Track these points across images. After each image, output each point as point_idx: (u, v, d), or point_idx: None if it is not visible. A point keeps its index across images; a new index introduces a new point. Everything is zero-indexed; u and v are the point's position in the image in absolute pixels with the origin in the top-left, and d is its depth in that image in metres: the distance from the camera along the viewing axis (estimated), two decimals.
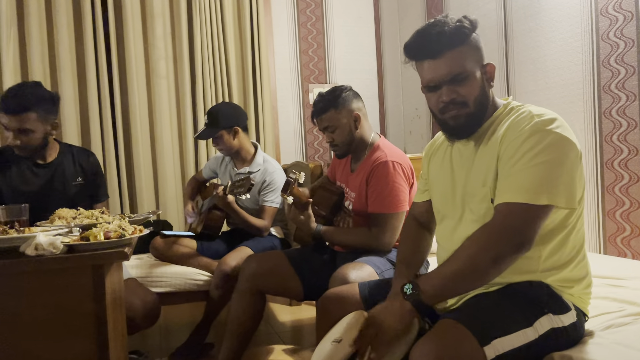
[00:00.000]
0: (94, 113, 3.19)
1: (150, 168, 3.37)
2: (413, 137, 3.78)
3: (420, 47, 1.24)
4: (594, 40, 2.24)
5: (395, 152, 1.94)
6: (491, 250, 1.10)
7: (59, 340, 1.34)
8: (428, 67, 1.23)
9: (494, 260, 1.11)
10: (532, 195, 1.10)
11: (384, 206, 1.85)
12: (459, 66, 1.20)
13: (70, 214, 1.70)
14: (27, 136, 1.89)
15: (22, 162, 2.02)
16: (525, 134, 1.15)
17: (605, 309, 1.43)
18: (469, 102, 1.22)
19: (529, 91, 2.62)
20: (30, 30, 3.06)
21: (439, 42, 1.20)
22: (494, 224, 1.13)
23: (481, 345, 1.04)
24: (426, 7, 3.49)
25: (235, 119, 2.46)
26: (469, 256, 1.13)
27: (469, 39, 1.22)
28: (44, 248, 1.31)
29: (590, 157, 2.29)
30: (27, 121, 1.87)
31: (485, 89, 1.25)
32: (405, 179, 1.89)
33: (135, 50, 3.27)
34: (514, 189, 1.12)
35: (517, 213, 1.11)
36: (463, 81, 1.21)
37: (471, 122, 1.24)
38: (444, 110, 1.24)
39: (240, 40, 3.57)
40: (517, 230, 1.10)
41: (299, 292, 1.96)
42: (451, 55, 1.20)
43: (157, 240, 2.42)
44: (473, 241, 1.14)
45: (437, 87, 1.23)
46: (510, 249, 1.10)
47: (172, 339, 2.64)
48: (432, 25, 1.22)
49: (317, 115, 1.99)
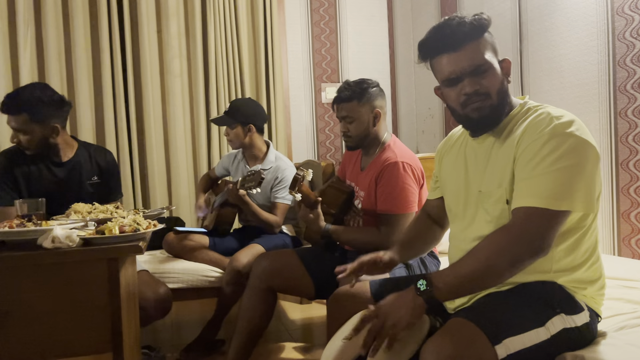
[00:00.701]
0: (109, 111, 3.23)
1: (164, 165, 3.41)
2: (426, 137, 3.77)
3: (439, 41, 1.22)
4: (609, 39, 2.22)
5: (405, 153, 1.93)
6: (509, 253, 1.10)
7: (74, 331, 1.37)
8: (448, 60, 1.21)
9: (511, 264, 1.10)
10: (552, 201, 1.09)
11: (393, 206, 1.85)
12: (480, 57, 1.19)
13: (86, 208, 1.72)
14: (23, 136, 1.93)
15: (39, 160, 2.04)
16: (545, 136, 1.13)
17: (618, 310, 1.42)
18: (492, 93, 1.21)
19: (543, 91, 2.60)
20: (47, 30, 3.11)
21: (458, 34, 1.19)
22: (513, 227, 1.12)
23: (492, 344, 1.04)
24: (440, 6, 3.47)
25: (253, 118, 2.50)
26: (486, 257, 1.12)
27: (486, 32, 1.22)
28: (61, 241, 1.33)
29: (606, 158, 2.26)
30: (20, 122, 1.90)
31: (504, 83, 1.24)
32: (415, 180, 1.88)
33: (149, 49, 3.31)
34: (534, 193, 1.11)
35: (536, 218, 1.10)
36: (485, 72, 1.20)
37: (495, 114, 1.23)
38: (467, 102, 1.22)
39: (253, 39, 3.59)
40: (537, 235, 1.10)
41: (310, 290, 1.97)
42: (471, 46, 1.19)
43: (170, 236, 2.45)
44: (491, 243, 1.14)
45: (459, 79, 1.21)
46: (529, 253, 1.10)
47: (184, 335, 2.66)
48: (449, 19, 1.22)
49: (338, 102, 1.97)
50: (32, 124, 1.92)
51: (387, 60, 4.05)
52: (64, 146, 2.08)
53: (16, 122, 1.90)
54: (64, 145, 2.08)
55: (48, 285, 1.35)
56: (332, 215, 2.02)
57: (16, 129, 1.92)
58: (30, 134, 1.93)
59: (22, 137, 1.93)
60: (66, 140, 2.09)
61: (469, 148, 1.35)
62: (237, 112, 2.48)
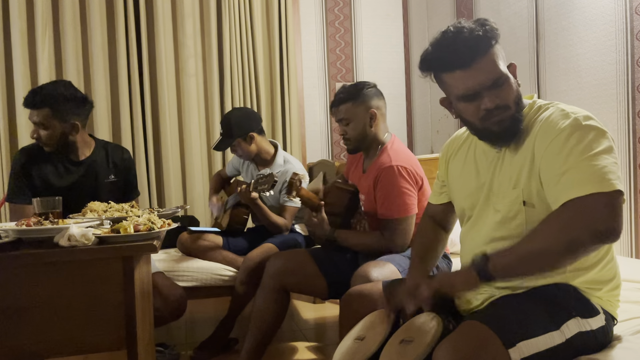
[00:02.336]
0: (125, 110, 3.27)
1: (179, 165, 3.44)
2: (440, 137, 3.74)
3: (451, 57, 1.18)
4: (628, 39, 2.18)
5: (400, 156, 1.91)
6: (568, 235, 1.04)
7: (89, 328, 1.38)
8: (462, 76, 1.18)
9: (568, 246, 1.05)
10: (606, 183, 1.05)
11: (392, 211, 1.85)
12: (497, 70, 1.17)
13: (102, 207, 1.74)
14: (43, 131, 1.95)
15: (56, 159, 2.07)
16: (567, 130, 1.12)
17: (635, 313, 1.39)
18: (510, 104, 1.19)
19: (560, 90, 2.57)
20: (65, 30, 3.16)
21: (472, 49, 1.15)
22: (568, 212, 1.06)
23: (506, 347, 1.03)
24: (455, 5, 3.45)
25: (249, 125, 2.44)
26: (543, 239, 1.07)
27: (496, 41, 1.19)
28: (77, 239, 1.35)
29: (623, 159, 2.23)
30: (41, 116, 1.93)
31: (518, 89, 1.22)
32: (411, 182, 1.87)
33: (165, 49, 3.34)
34: (580, 182, 1.06)
35: (594, 203, 1.04)
36: (502, 85, 1.17)
37: (515, 123, 1.20)
38: (487, 117, 1.19)
39: (268, 39, 3.60)
40: (600, 219, 1.03)
41: (324, 290, 1.97)
42: (486, 60, 1.16)
43: (184, 236, 2.47)
44: (549, 224, 1.08)
45: (477, 95, 1.18)
46: (590, 237, 1.04)
47: (197, 333, 2.68)
48: (458, 33, 1.17)
49: (335, 105, 1.98)
50: (53, 119, 1.95)
51: (401, 60, 4.03)
52: (81, 145, 2.09)
53: (38, 116, 1.93)
54: (82, 144, 2.10)
55: (64, 283, 1.37)
56: (338, 217, 2.01)
57: (37, 124, 1.94)
58: (51, 129, 1.96)
59: (42, 132, 1.95)
60: (84, 139, 2.11)
61: (478, 149, 1.33)
62: (231, 128, 2.42)
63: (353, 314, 1.45)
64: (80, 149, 2.10)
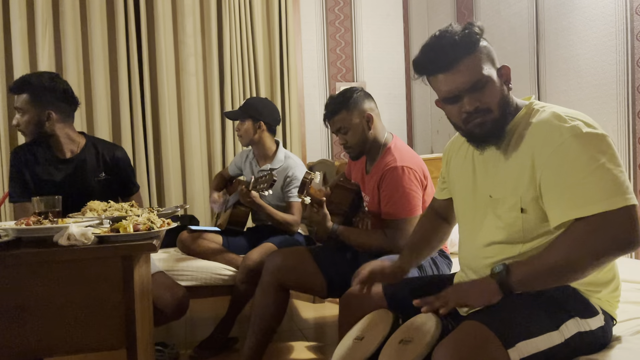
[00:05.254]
0: (125, 108, 3.27)
1: (179, 163, 3.44)
2: (440, 137, 3.74)
3: (432, 61, 1.20)
4: (628, 39, 2.18)
5: (406, 156, 1.91)
6: (593, 247, 1.06)
7: (88, 327, 1.38)
8: (444, 79, 1.20)
9: (595, 257, 1.07)
10: (620, 198, 1.06)
11: (396, 211, 1.85)
12: (477, 73, 1.17)
13: (101, 206, 1.74)
14: (21, 117, 1.98)
15: (42, 156, 2.06)
16: (569, 140, 1.10)
17: (634, 313, 1.39)
18: (493, 107, 1.19)
19: (560, 91, 2.57)
20: (65, 29, 3.16)
21: (451, 53, 1.17)
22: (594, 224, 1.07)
23: (505, 347, 1.03)
24: (456, 5, 3.45)
25: (265, 115, 2.52)
26: (567, 251, 1.08)
27: (480, 44, 1.19)
28: (76, 238, 1.35)
29: (623, 159, 2.23)
30: (20, 101, 1.97)
31: (505, 92, 1.22)
32: (417, 183, 1.87)
33: (165, 48, 3.34)
34: (590, 199, 1.07)
35: (618, 218, 1.05)
36: (484, 87, 1.18)
37: (498, 127, 1.21)
38: (468, 119, 1.21)
39: (268, 38, 3.60)
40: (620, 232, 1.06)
41: (323, 288, 1.97)
42: (466, 63, 1.17)
43: (184, 235, 2.47)
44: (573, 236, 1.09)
45: (458, 97, 1.20)
46: (615, 250, 1.07)
47: (197, 332, 2.68)
48: (440, 37, 1.20)
49: (329, 117, 1.99)
50: (31, 105, 1.97)
51: (402, 60, 4.03)
52: (66, 141, 2.07)
53: (17, 101, 1.98)
54: (67, 140, 2.07)
55: (63, 282, 1.37)
56: (341, 215, 2.01)
57: (17, 109, 1.98)
58: (28, 115, 1.98)
59: (20, 118, 1.99)
60: (69, 135, 2.08)
61: (476, 152, 1.33)
62: (250, 107, 2.51)
63: (353, 314, 1.46)
64: (65, 145, 2.07)
